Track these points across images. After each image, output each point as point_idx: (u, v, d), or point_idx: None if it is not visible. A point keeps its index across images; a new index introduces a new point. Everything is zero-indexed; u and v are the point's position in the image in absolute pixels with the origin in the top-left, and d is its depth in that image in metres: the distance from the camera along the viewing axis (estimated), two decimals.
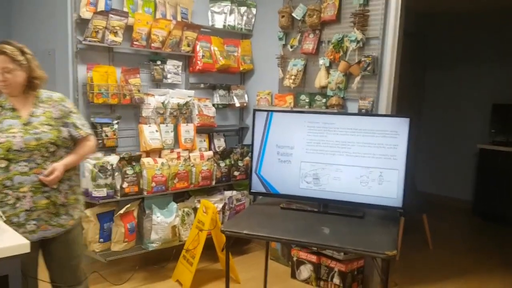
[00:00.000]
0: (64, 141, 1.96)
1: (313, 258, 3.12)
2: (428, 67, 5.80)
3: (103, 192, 2.82)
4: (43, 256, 2.06)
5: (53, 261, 2.06)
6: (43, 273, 2.09)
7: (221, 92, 3.74)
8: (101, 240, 2.95)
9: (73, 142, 2.03)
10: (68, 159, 1.97)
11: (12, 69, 1.84)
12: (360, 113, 3.00)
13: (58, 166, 1.90)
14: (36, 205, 1.89)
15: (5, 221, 1.79)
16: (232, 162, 3.57)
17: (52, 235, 1.97)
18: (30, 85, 1.93)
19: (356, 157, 2.43)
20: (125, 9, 3.00)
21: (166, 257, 3.33)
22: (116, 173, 2.90)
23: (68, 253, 2.06)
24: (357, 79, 3.01)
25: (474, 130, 5.39)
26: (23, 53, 1.90)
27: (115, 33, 2.88)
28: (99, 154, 2.94)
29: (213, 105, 3.64)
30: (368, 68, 2.94)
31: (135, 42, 3.03)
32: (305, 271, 3.17)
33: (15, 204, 1.86)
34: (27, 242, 1.58)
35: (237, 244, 3.70)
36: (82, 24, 2.84)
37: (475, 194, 5.16)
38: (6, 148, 1.83)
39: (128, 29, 2.98)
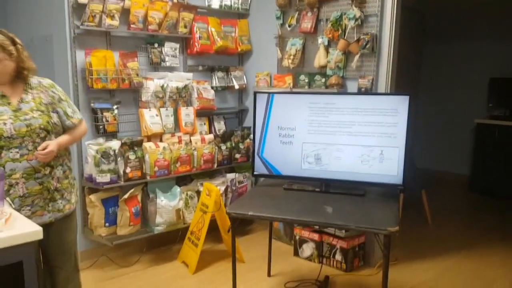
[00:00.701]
0: (55, 126, 1.96)
1: (315, 236, 3.18)
2: (425, 43, 5.77)
3: (106, 177, 2.85)
4: (40, 242, 2.06)
5: (51, 247, 2.05)
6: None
7: (220, 74, 3.73)
8: (107, 224, 2.99)
9: (63, 129, 2.03)
10: (61, 138, 1.98)
11: (1, 58, 1.83)
12: (360, 92, 3.01)
13: (52, 142, 1.91)
14: (29, 191, 1.89)
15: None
16: (233, 144, 3.59)
17: (49, 220, 1.98)
18: (19, 75, 1.92)
19: (357, 136, 2.46)
20: None
21: (172, 239, 3.39)
22: (119, 159, 2.92)
23: (67, 238, 2.08)
24: (356, 57, 3.01)
25: (471, 105, 5.41)
26: (14, 43, 1.88)
27: (112, 17, 2.85)
28: (101, 140, 2.96)
29: (212, 87, 3.63)
30: (367, 46, 2.93)
31: (132, 25, 3.00)
32: (308, 249, 3.24)
33: (9, 191, 1.86)
34: (40, 228, 1.61)
35: (241, 225, 3.75)
36: (78, 9, 2.81)
37: (472, 169, 5.22)
38: None
39: (125, 12, 2.95)
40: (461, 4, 5.34)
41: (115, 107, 3.04)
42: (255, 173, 2.69)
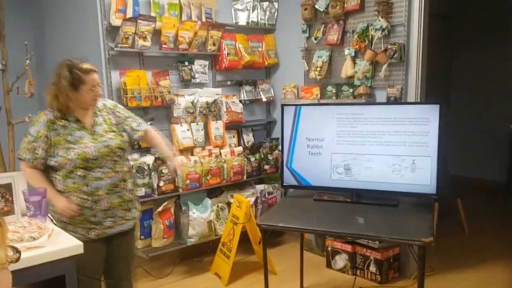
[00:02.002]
0: (126, 144, 2.14)
1: (348, 247, 3.15)
2: (454, 49, 5.66)
3: (141, 191, 2.94)
4: (106, 248, 2.14)
5: (115, 256, 2.17)
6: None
7: (248, 87, 3.80)
8: (142, 237, 3.08)
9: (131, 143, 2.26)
10: (169, 151, 2.29)
11: (99, 84, 2.03)
12: (389, 102, 3.00)
13: (176, 162, 2.27)
14: (111, 204, 2.04)
15: (79, 223, 2.00)
16: (262, 156, 3.63)
17: (128, 228, 2.14)
18: None
19: (387, 146, 2.44)
20: (152, 14, 3.08)
21: (204, 251, 3.44)
22: (153, 173, 3.01)
23: (130, 246, 2.24)
24: (384, 67, 3.00)
25: (505, 110, 5.24)
26: None
27: (144, 38, 2.97)
28: (136, 155, 3.06)
29: (240, 101, 3.70)
30: (395, 56, 2.92)
31: (163, 45, 3.12)
32: (341, 261, 3.21)
33: (92, 206, 2.01)
34: (80, 243, 1.69)
35: (271, 236, 3.77)
36: (112, 31, 2.94)
37: (509, 176, 5.04)
38: (83, 158, 1.95)
39: (156, 33, 3.07)
40: (489, 7, 5.23)
41: (148, 123, 3.14)
42: (284, 184, 2.72)
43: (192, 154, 3.34)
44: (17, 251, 1.17)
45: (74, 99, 1.95)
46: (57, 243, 1.67)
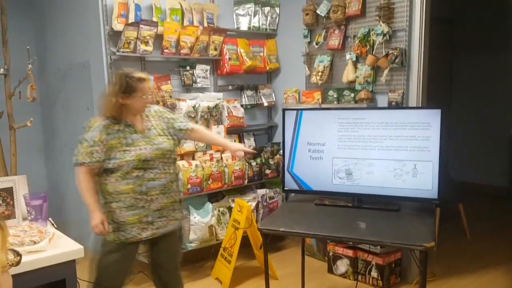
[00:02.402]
0: (175, 147, 2.28)
1: (350, 252, 3.14)
2: (455, 53, 5.67)
3: None
4: (151, 247, 2.32)
5: (163, 251, 2.31)
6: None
7: (249, 92, 3.80)
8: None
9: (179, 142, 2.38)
10: (225, 141, 2.58)
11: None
12: (390, 106, 3.00)
13: (240, 146, 2.52)
14: (162, 204, 2.16)
15: (133, 223, 2.11)
16: (263, 160, 3.63)
17: (174, 228, 2.27)
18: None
19: (388, 151, 2.44)
20: (154, 19, 3.10)
21: (205, 256, 3.43)
22: None
23: (177, 242, 2.40)
24: (386, 72, 3.00)
25: (506, 115, 5.24)
26: None
27: (146, 43, 2.98)
28: None
29: (242, 105, 3.71)
30: (396, 61, 2.93)
31: (165, 50, 3.13)
32: (342, 266, 3.20)
33: (146, 206, 2.12)
34: (81, 247, 1.70)
35: (273, 241, 3.76)
36: (114, 36, 2.96)
37: (511, 180, 5.02)
38: (139, 159, 2.07)
39: (158, 37, 3.08)
40: (494, 11, 5.24)
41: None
42: (285, 188, 2.71)
43: (193, 159, 3.34)
44: (17, 254, 1.17)
45: (127, 106, 2.08)
46: (58, 247, 1.68)
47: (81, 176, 2.06)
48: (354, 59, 3.21)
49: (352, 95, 3.24)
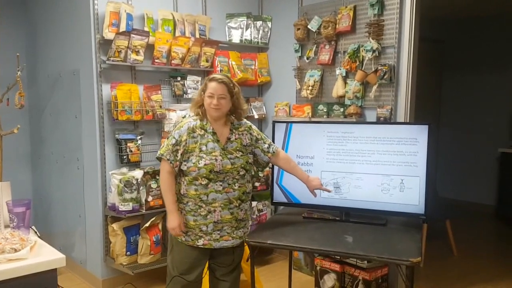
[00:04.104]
0: (250, 166, 2.27)
1: (337, 267, 3.12)
2: (445, 73, 5.77)
3: (129, 206, 2.91)
4: (210, 257, 2.31)
5: (218, 264, 2.32)
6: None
7: None
8: (128, 253, 3.02)
9: (260, 164, 2.37)
10: (304, 174, 2.40)
11: (226, 97, 2.14)
12: (378, 121, 3.02)
13: (313, 179, 2.40)
14: (222, 218, 2.18)
15: (192, 228, 2.17)
16: (253, 173, 3.61)
17: (231, 245, 2.25)
18: (236, 115, 2.25)
19: (376, 165, 2.46)
20: (146, 29, 3.10)
21: None
22: (141, 187, 2.98)
23: (236, 258, 2.35)
24: (375, 87, 3.04)
25: (494, 134, 5.32)
26: (235, 87, 2.20)
27: (137, 52, 2.98)
28: (124, 169, 3.04)
29: None
30: (385, 77, 2.97)
31: (156, 60, 3.13)
32: (329, 280, 3.18)
33: (206, 216, 2.16)
34: (63, 256, 1.66)
35: (260, 254, 3.72)
36: (105, 44, 2.95)
37: (498, 199, 5.08)
38: (209, 169, 2.11)
39: (149, 47, 3.09)
40: (479, 34, 5.36)
41: (138, 137, 3.14)
42: (274, 201, 2.71)
43: None
44: None
45: (203, 104, 2.16)
46: (39, 256, 1.64)
47: (165, 175, 2.15)
48: (344, 74, 3.25)
49: (342, 109, 3.27)
